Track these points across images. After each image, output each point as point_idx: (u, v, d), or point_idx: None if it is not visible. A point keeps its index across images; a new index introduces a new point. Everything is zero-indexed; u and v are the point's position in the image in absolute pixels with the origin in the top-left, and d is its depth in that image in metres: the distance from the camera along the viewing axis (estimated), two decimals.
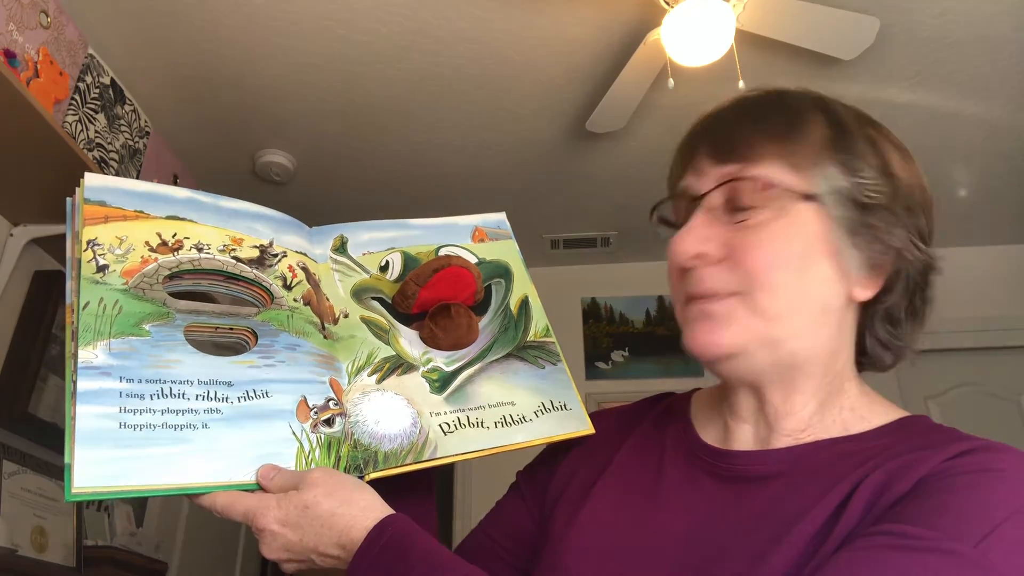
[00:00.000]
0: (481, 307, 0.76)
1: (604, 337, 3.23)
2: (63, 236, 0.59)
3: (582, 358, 3.16)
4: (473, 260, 0.78)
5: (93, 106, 1.73)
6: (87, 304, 0.55)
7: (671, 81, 1.98)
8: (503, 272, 0.80)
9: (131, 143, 1.88)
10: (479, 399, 0.68)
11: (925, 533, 0.46)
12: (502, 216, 0.87)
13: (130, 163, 1.87)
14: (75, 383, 0.52)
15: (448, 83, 2.28)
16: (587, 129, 2.35)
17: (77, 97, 1.67)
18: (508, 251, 0.82)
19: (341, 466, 0.58)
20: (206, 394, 0.56)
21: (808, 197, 0.58)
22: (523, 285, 0.80)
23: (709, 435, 0.66)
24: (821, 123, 0.60)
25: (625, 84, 2.10)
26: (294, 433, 0.58)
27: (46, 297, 1.93)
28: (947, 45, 2.14)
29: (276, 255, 0.66)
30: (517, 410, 0.69)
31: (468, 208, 0.85)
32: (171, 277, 0.60)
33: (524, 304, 0.78)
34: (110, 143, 1.79)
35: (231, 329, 0.61)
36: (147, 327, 0.56)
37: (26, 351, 1.86)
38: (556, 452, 0.75)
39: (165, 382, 0.55)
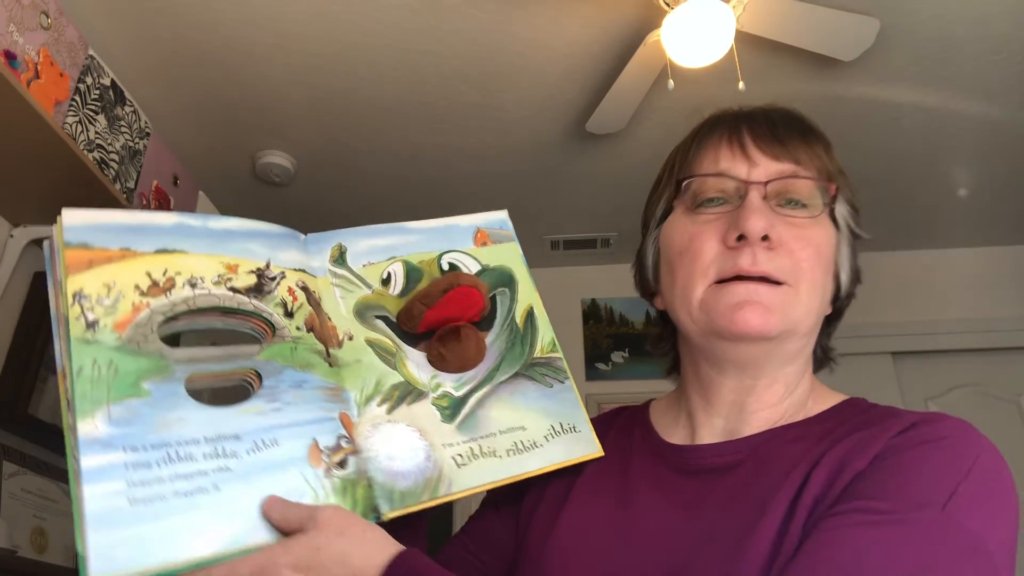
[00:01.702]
0: (487, 321, 0.73)
1: (604, 338, 3.22)
2: None
3: (582, 359, 3.16)
4: (476, 268, 0.75)
5: (93, 107, 1.73)
6: (80, 369, 0.51)
7: (671, 82, 1.98)
8: (507, 280, 0.77)
9: (131, 144, 1.88)
10: (490, 425, 0.66)
11: (894, 506, 0.49)
12: (504, 215, 0.84)
13: (130, 164, 1.87)
14: (78, 461, 0.48)
15: (448, 84, 2.28)
16: (587, 130, 2.35)
17: (77, 98, 1.67)
18: (511, 256, 0.80)
19: (359, 509, 0.56)
20: (214, 451, 0.53)
21: (834, 210, 0.66)
22: (528, 294, 0.78)
23: (673, 436, 0.70)
24: (835, 157, 0.68)
25: (625, 85, 2.10)
26: (307, 481, 0.55)
27: (46, 298, 1.93)
28: (947, 46, 2.14)
29: (274, 278, 0.63)
30: (528, 435, 0.67)
31: (467, 209, 0.83)
32: (166, 321, 0.56)
33: (530, 316, 0.76)
34: (110, 144, 1.79)
35: (234, 373, 0.58)
36: (146, 386, 0.53)
37: (26, 351, 1.86)
38: None
39: (171, 445, 0.52)
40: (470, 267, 0.75)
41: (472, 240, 0.78)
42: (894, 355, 3.04)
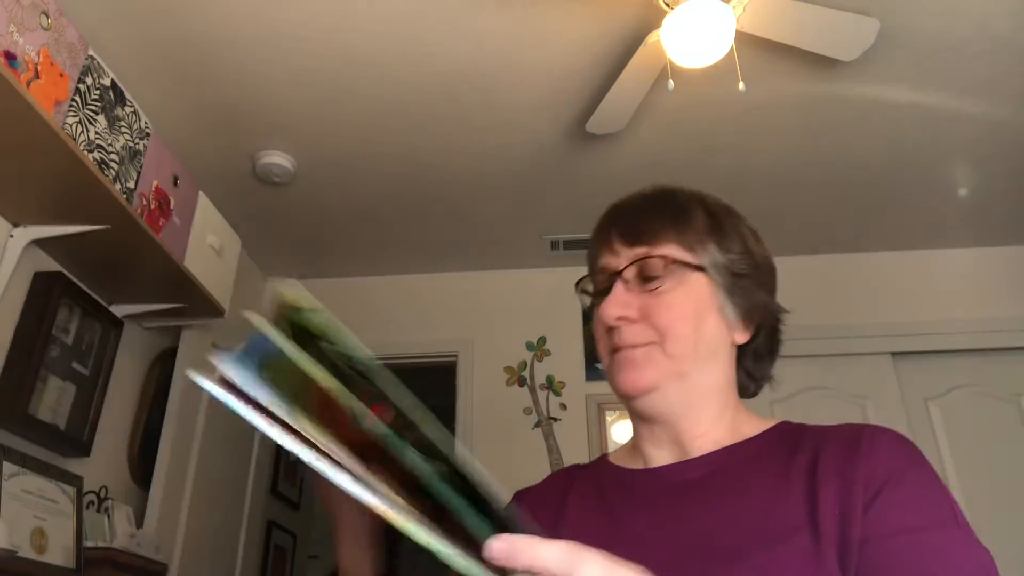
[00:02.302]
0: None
1: None
2: (63, 237, 0.50)
3: (582, 359, 3.16)
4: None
5: (93, 107, 1.72)
6: None
7: (671, 83, 1.98)
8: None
9: (131, 144, 1.88)
10: None
11: (930, 524, 0.62)
12: None
13: (130, 164, 1.87)
14: None
15: (448, 84, 2.28)
16: (587, 130, 2.35)
17: (77, 98, 1.67)
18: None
19: None
20: None
21: (698, 268, 0.77)
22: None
23: (635, 466, 0.81)
24: (702, 214, 0.80)
25: (625, 85, 2.10)
26: None
27: (46, 298, 1.93)
28: (947, 46, 2.14)
29: None
30: None
31: (466, 210, 0.83)
32: None
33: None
34: (110, 144, 1.78)
35: None
36: None
37: (26, 352, 1.86)
38: None
39: None
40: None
41: None
42: (894, 355, 3.04)
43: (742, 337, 0.79)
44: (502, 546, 0.43)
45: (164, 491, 2.34)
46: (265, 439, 3.01)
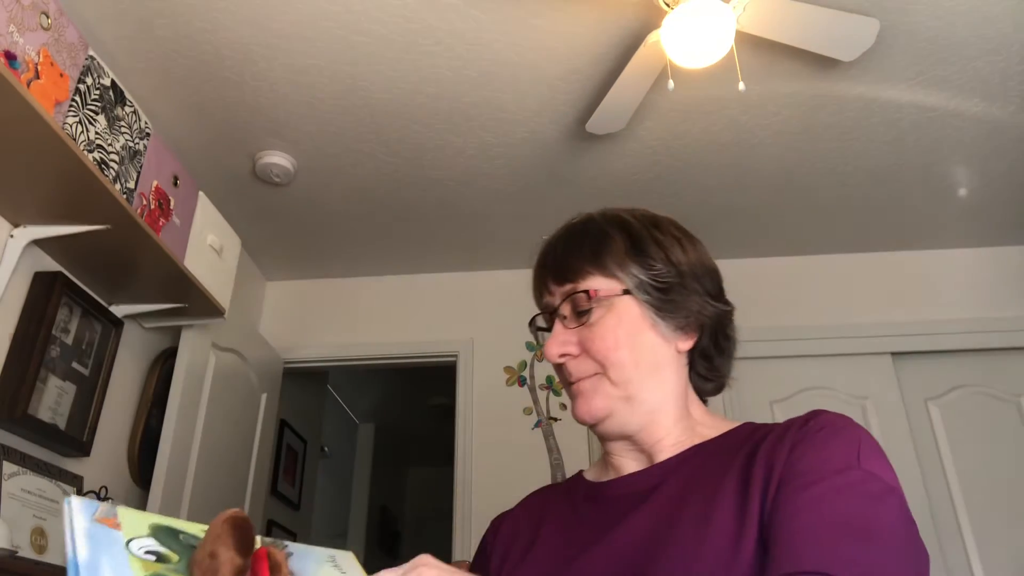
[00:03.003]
0: None
1: None
2: (63, 237, 0.54)
3: None
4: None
5: (93, 107, 1.72)
6: None
7: (671, 83, 1.98)
8: None
9: (131, 144, 1.88)
10: None
11: (822, 474, 0.65)
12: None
13: (130, 164, 1.87)
14: None
15: (448, 84, 2.28)
16: (587, 130, 2.35)
17: (77, 98, 1.67)
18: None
19: None
20: None
21: (624, 292, 0.80)
22: None
23: (606, 479, 0.85)
24: (620, 238, 0.82)
25: (625, 86, 2.10)
26: None
27: (46, 298, 1.93)
28: (947, 46, 2.14)
29: None
30: None
31: (466, 210, 0.84)
32: None
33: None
34: (110, 144, 1.78)
35: None
36: None
37: (26, 352, 1.86)
38: (485, 550, 0.89)
39: None
40: None
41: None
42: (894, 355, 3.04)
43: (684, 344, 0.82)
44: None
45: (164, 491, 2.33)
46: (265, 439, 3.02)
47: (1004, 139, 2.54)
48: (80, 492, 1.98)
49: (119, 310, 2.25)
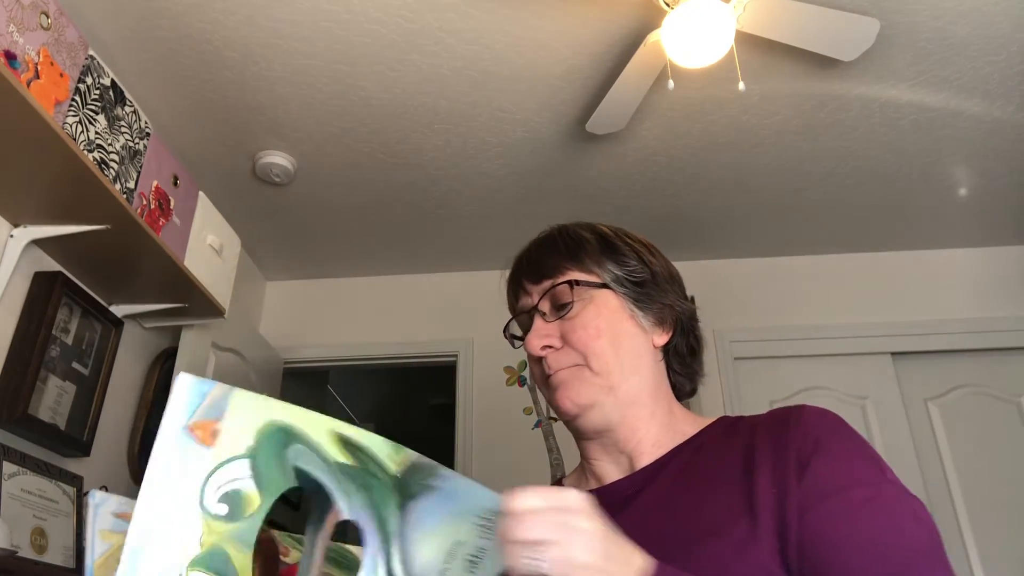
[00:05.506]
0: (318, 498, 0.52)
1: None
2: (63, 237, 0.52)
3: None
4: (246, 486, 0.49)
5: (93, 107, 1.72)
6: None
7: (671, 82, 1.98)
8: (279, 441, 0.50)
9: (131, 144, 1.88)
10: (433, 566, 0.53)
11: (860, 481, 0.67)
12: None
13: (130, 164, 1.87)
14: None
15: (448, 84, 2.28)
16: (587, 130, 2.35)
17: (77, 98, 1.67)
18: (258, 414, 0.50)
19: None
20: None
21: (601, 285, 0.83)
22: (317, 428, 0.51)
23: (587, 488, 0.85)
24: (593, 240, 0.86)
25: (625, 85, 2.10)
26: None
27: (46, 298, 1.93)
28: (947, 46, 2.14)
29: None
30: (468, 546, 0.55)
31: (466, 210, 0.84)
32: None
33: (344, 443, 0.52)
34: (110, 144, 1.78)
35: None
36: None
37: (26, 352, 1.86)
38: None
39: None
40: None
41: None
42: (894, 355, 3.04)
43: (660, 339, 0.85)
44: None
45: None
46: None
47: (1004, 139, 2.54)
48: (80, 492, 1.98)
49: (119, 310, 2.25)
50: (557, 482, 0.93)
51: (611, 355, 0.81)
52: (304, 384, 3.85)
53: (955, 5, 2.00)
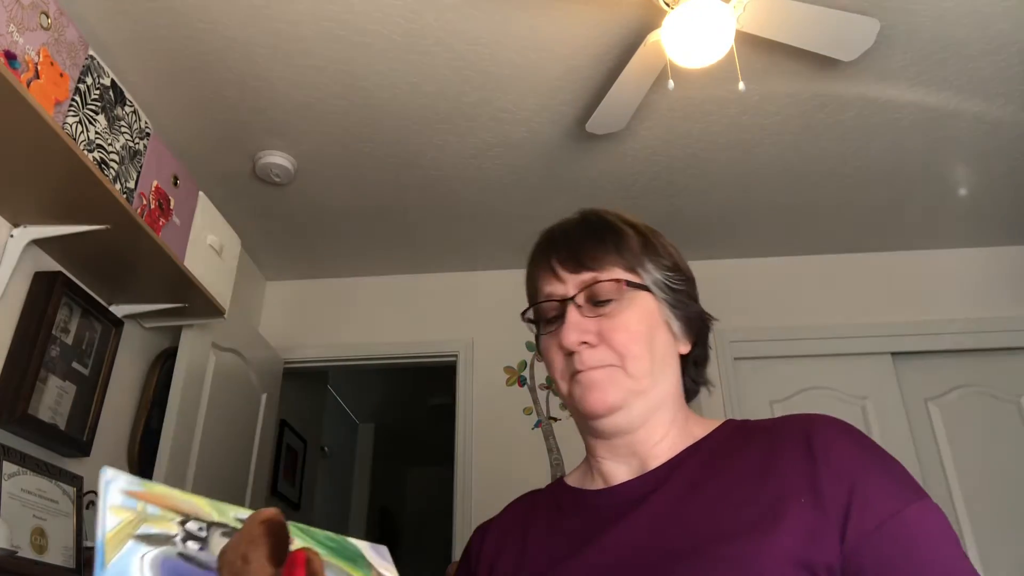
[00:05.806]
0: None
1: None
2: (63, 237, 0.53)
3: None
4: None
5: (93, 107, 1.72)
6: None
7: (671, 82, 1.98)
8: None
9: (131, 144, 1.88)
10: None
11: (904, 503, 0.66)
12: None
13: (130, 164, 1.87)
14: None
15: (448, 84, 2.28)
16: (587, 130, 2.35)
17: (77, 98, 1.67)
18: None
19: None
20: None
21: (643, 287, 0.81)
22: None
23: (593, 486, 0.84)
24: (633, 235, 0.83)
25: (625, 85, 2.10)
26: None
27: (46, 298, 1.93)
28: (947, 46, 2.14)
29: None
30: None
31: (466, 210, 0.84)
32: None
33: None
34: (110, 144, 1.78)
35: None
36: None
37: (26, 352, 1.86)
38: (470, 559, 0.88)
39: None
40: None
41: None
42: (894, 355, 3.04)
43: (685, 348, 0.84)
44: None
45: None
46: (265, 439, 3.02)
47: (1004, 139, 2.54)
48: (80, 492, 1.98)
49: (119, 310, 2.25)
50: (558, 481, 0.91)
51: (647, 360, 0.79)
52: (304, 384, 3.85)
53: (955, 5, 2.00)
